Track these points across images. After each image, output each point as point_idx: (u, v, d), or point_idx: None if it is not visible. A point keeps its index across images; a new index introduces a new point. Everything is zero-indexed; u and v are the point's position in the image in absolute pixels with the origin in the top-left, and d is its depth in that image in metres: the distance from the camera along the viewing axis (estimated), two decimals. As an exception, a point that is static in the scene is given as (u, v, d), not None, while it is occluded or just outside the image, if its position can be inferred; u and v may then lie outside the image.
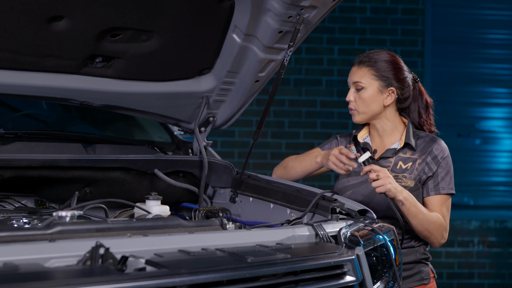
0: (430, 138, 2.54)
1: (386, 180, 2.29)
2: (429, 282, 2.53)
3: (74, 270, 1.43)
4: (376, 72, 2.52)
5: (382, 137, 2.58)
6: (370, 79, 2.52)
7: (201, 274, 1.50)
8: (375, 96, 2.52)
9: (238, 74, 2.57)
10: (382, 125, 2.56)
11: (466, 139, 5.93)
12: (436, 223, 2.42)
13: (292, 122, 5.83)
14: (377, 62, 2.53)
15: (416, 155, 2.51)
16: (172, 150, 2.87)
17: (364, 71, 2.53)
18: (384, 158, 2.53)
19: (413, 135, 2.54)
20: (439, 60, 5.97)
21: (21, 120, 2.89)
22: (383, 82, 2.52)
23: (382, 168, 2.34)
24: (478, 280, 5.75)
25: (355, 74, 2.54)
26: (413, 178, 2.47)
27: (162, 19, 2.27)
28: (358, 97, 2.53)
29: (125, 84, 2.46)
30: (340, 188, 2.57)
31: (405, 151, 2.53)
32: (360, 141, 2.60)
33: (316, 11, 2.34)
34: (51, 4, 2.05)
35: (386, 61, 2.54)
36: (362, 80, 2.52)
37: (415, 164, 2.49)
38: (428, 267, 2.55)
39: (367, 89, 2.52)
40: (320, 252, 1.83)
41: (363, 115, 2.55)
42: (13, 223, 1.93)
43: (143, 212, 2.18)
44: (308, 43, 5.76)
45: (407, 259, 2.47)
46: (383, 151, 2.55)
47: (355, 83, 2.54)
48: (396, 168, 2.50)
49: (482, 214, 5.82)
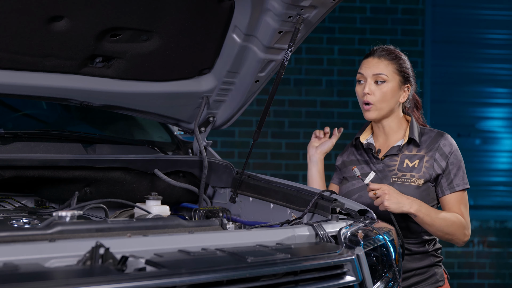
0: (436, 133, 2.49)
1: (384, 197, 2.25)
2: (444, 283, 2.51)
3: (74, 270, 1.43)
4: (398, 67, 2.47)
5: (387, 136, 2.53)
6: (393, 72, 2.46)
7: (201, 274, 1.50)
8: (395, 91, 2.47)
9: (238, 74, 2.57)
10: (389, 123, 2.51)
11: (466, 139, 5.93)
12: (455, 224, 2.39)
13: (292, 122, 5.83)
14: (399, 58, 2.49)
15: (423, 152, 2.46)
16: (172, 150, 2.87)
17: (386, 64, 2.46)
18: (389, 156, 2.49)
19: (418, 131, 2.49)
20: (439, 60, 5.96)
21: (21, 120, 2.88)
22: (402, 78, 2.48)
23: (382, 185, 2.29)
24: (478, 280, 5.75)
25: (376, 66, 2.46)
26: (422, 176, 2.42)
27: (162, 19, 2.27)
28: (377, 90, 2.45)
29: (125, 84, 2.46)
30: (346, 192, 2.54)
31: (410, 149, 2.48)
32: (363, 142, 2.55)
33: (316, 11, 2.34)
34: (51, 4, 2.05)
35: (405, 59, 2.51)
36: (385, 72, 2.45)
37: (423, 161, 2.44)
38: (441, 269, 2.52)
39: (389, 82, 2.45)
40: (320, 252, 1.82)
41: (380, 111, 2.47)
42: (13, 223, 1.93)
43: (143, 212, 2.18)
44: (308, 43, 5.77)
45: (422, 263, 2.46)
46: (387, 150, 2.51)
47: (377, 75, 2.45)
48: (402, 166, 2.45)
49: (482, 214, 5.83)
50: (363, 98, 2.47)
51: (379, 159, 2.51)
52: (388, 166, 2.48)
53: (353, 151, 2.61)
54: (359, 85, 2.52)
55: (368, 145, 2.54)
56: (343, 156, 2.66)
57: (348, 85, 5.88)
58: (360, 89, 2.49)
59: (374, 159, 2.52)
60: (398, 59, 2.48)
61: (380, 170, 2.48)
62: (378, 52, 2.49)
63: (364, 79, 2.48)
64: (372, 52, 2.51)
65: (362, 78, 2.49)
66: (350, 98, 5.83)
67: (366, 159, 2.55)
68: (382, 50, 2.49)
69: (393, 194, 2.26)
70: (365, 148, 2.55)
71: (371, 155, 2.53)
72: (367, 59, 2.50)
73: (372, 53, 2.51)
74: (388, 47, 2.52)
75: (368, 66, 2.48)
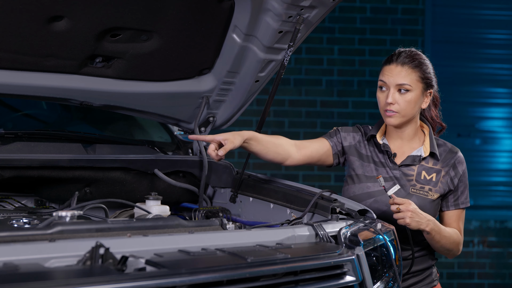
0: (449, 148, 2.47)
1: (407, 214, 2.22)
2: (437, 282, 2.54)
3: (74, 270, 1.43)
4: (422, 74, 2.38)
5: (403, 140, 2.46)
6: (416, 81, 2.37)
7: (201, 274, 1.50)
8: (419, 99, 2.39)
9: (238, 74, 2.57)
10: (408, 128, 2.44)
11: (466, 139, 5.94)
12: (455, 242, 2.42)
13: (292, 122, 5.83)
14: (422, 64, 2.39)
15: (439, 166, 2.43)
16: (172, 150, 2.87)
17: (409, 72, 2.36)
18: (406, 165, 2.43)
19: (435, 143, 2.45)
20: (439, 60, 5.96)
21: (21, 120, 2.89)
22: (425, 85, 2.40)
23: (406, 200, 2.25)
24: (478, 280, 5.75)
25: (399, 76, 2.36)
26: (438, 191, 2.41)
27: (162, 19, 2.27)
28: (401, 99, 2.35)
29: (125, 84, 2.46)
30: (360, 193, 2.44)
31: (427, 160, 2.43)
32: (380, 142, 2.46)
33: (316, 11, 2.34)
34: (51, 4, 2.05)
35: (428, 63, 2.43)
36: (408, 81, 2.36)
37: (439, 176, 2.42)
38: (435, 269, 2.55)
39: (412, 91, 2.36)
40: (320, 252, 1.82)
41: (403, 118, 2.38)
42: (13, 223, 1.93)
43: (143, 212, 2.18)
44: (308, 43, 5.76)
45: (420, 266, 2.46)
46: (402, 156, 2.45)
47: (401, 85, 2.35)
48: (420, 178, 2.41)
49: (482, 214, 5.82)
50: (386, 107, 2.38)
51: (396, 164, 2.44)
52: (406, 175, 2.42)
53: (365, 145, 2.49)
54: (381, 91, 2.41)
55: (384, 146, 2.45)
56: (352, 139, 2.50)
57: (348, 85, 5.88)
58: (383, 97, 2.39)
59: (390, 163, 2.44)
60: (421, 66, 2.39)
61: (397, 177, 2.43)
62: (401, 58, 2.38)
63: (387, 87, 2.38)
64: (395, 57, 2.39)
65: (384, 85, 2.39)
66: (350, 98, 5.83)
67: (382, 160, 2.45)
68: (405, 57, 2.38)
69: (417, 213, 2.25)
70: (381, 149, 2.46)
71: (388, 158, 2.45)
72: (390, 66, 2.39)
73: (395, 59, 2.39)
74: (411, 51, 2.41)
75: (391, 74, 2.37)
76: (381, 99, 2.40)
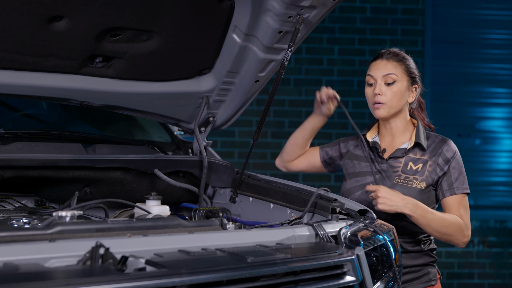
0: (440, 139, 2.54)
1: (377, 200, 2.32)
2: (436, 283, 2.55)
3: (74, 270, 1.43)
4: (406, 68, 2.54)
5: (393, 136, 2.58)
6: (402, 73, 2.53)
7: (201, 274, 1.50)
8: (405, 91, 2.53)
9: (238, 74, 2.57)
10: (397, 123, 2.56)
11: (466, 139, 5.94)
12: (453, 224, 2.43)
13: (292, 122, 5.83)
14: (405, 59, 2.56)
15: (426, 156, 2.51)
16: (172, 150, 2.87)
17: (395, 65, 2.53)
18: (394, 158, 2.54)
19: (424, 135, 2.54)
20: (439, 60, 5.97)
21: (21, 120, 2.88)
22: (410, 79, 2.55)
23: (376, 187, 2.35)
24: (478, 280, 5.75)
25: (385, 67, 2.53)
26: (425, 180, 2.47)
27: (162, 19, 2.27)
28: (388, 90, 2.51)
29: (125, 84, 2.46)
30: (349, 188, 2.59)
31: (415, 152, 2.53)
32: (369, 140, 2.60)
33: (316, 11, 2.34)
34: (51, 4, 2.05)
35: (411, 61, 2.59)
36: (395, 72, 2.52)
37: (426, 166, 2.49)
38: (435, 269, 2.56)
39: (398, 82, 2.52)
40: (320, 252, 1.82)
41: (390, 109, 2.52)
42: (13, 223, 1.93)
43: (143, 212, 2.18)
44: (308, 43, 5.76)
45: (416, 262, 2.49)
46: (393, 151, 2.56)
47: (387, 75, 2.51)
48: (406, 169, 2.50)
49: (482, 214, 5.83)
50: (373, 99, 2.53)
51: (384, 159, 2.55)
52: (393, 167, 2.52)
53: (361, 147, 2.63)
54: (369, 87, 2.57)
55: (373, 143, 2.58)
56: (349, 145, 2.70)
57: (348, 85, 5.88)
58: (370, 91, 2.55)
59: (379, 158, 2.56)
60: (405, 60, 2.56)
61: (384, 170, 2.53)
62: (385, 54, 2.56)
63: (374, 81, 2.54)
64: (380, 54, 2.57)
65: (371, 80, 2.55)
66: (350, 98, 5.82)
67: (372, 157, 2.58)
68: (389, 53, 2.56)
69: (386, 196, 2.31)
70: (370, 146, 2.59)
71: (376, 154, 2.57)
72: (376, 61, 2.57)
73: (380, 55, 2.57)
74: (394, 49, 2.58)
75: (377, 67, 2.54)
76: (369, 94, 2.56)
